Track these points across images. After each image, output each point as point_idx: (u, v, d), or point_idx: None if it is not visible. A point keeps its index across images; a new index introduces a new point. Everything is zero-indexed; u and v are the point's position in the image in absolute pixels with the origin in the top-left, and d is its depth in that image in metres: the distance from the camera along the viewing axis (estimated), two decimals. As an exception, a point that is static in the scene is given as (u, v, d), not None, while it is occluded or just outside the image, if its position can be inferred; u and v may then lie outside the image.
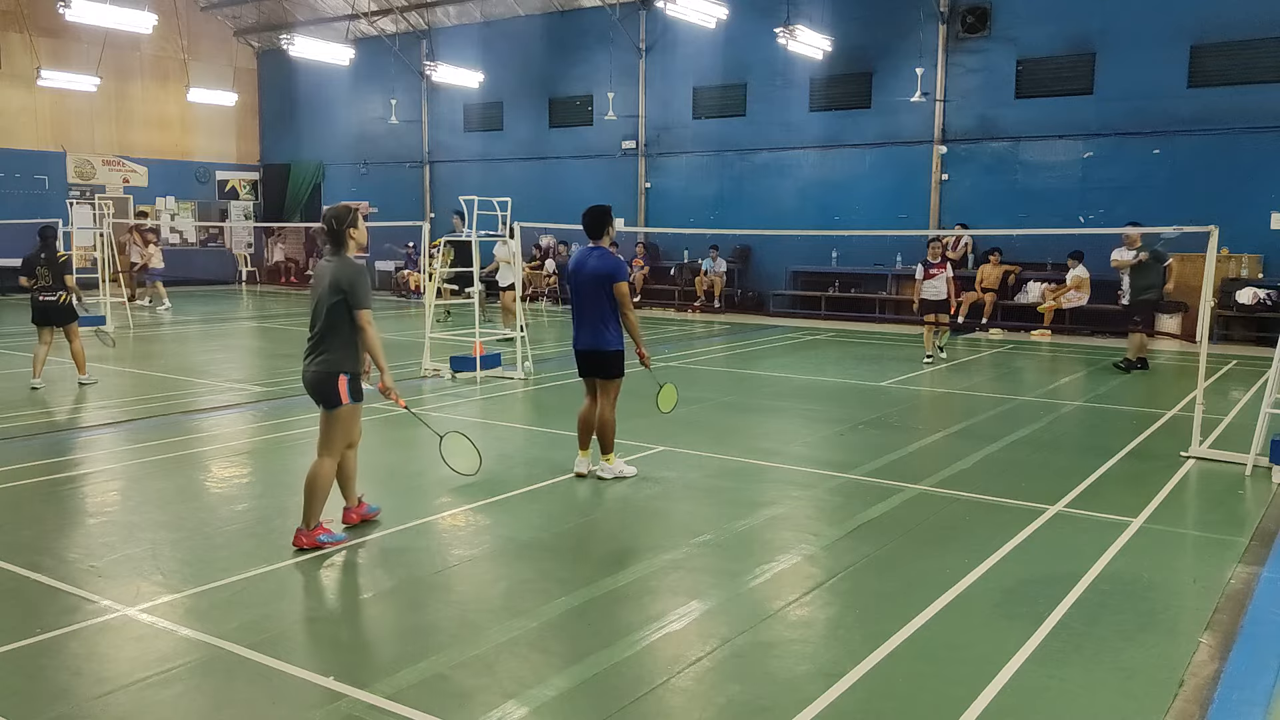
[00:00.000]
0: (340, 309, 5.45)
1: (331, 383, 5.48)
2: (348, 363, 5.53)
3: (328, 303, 5.45)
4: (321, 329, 5.50)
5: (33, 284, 11.02)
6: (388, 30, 26.68)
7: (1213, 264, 8.12)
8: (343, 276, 5.46)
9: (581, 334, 7.18)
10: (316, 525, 5.64)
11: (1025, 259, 18.79)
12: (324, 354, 5.50)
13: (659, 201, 23.53)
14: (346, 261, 5.56)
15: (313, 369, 5.54)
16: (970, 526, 6.21)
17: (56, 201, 24.00)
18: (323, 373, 5.50)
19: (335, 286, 5.44)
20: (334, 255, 5.61)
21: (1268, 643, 4.49)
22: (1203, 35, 17.07)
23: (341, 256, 5.59)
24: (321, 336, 5.50)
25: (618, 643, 4.39)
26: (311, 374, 5.55)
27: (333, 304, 5.44)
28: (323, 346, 5.50)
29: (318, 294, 5.53)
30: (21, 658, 4.24)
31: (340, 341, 5.49)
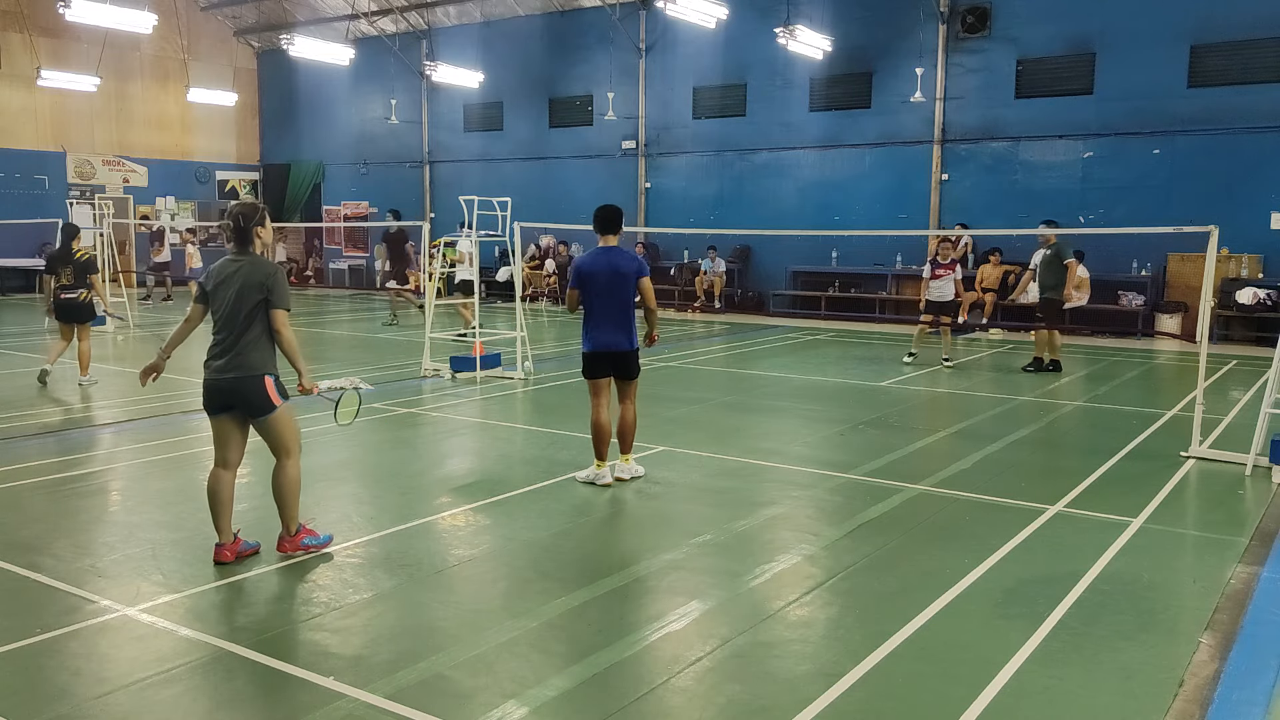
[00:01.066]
0: (261, 309, 5.22)
1: (259, 387, 5.23)
2: (269, 363, 5.29)
3: (248, 303, 5.19)
4: (238, 331, 5.20)
5: (56, 282, 11.34)
6: (388, 30, 26.68)
7: (1213, 264, 8.12)
8: (263, 276, 5.23)
9: (604, 334, 7.08)
10: (299, 529, 5.51)
11: (1025, 259, 18.76)
12: (243, 357, 5.21)
13: (659, 201, 23.53)
14: (262, 261, 5.34)
15: (230, 375, 5.21)
16: (970, 526, 6.21)
17: (56, 201, 24.00)
18: (246, 376, 5.21)
19: (257, 286, 5.20)
20: (241, 254, 5.32)
21: (1268, 643, 4.49)
22: (1203, 35, 17.08)
23: (253, 255, 5.34)
24: (238, 339, 5.20)
25: (618, 643, 4.39)
26: (230, 380, 5.21)
27: (254, 304, 5.20)
28: (239, 349, 5.21)
29: (228, 294, 5.21)
30: (21, 658, 4.24)
31: (259, 342, 5.25)
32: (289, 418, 5.41)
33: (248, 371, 5.22)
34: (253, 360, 5.23)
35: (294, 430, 5.45)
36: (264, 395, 5.25)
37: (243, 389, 5.24)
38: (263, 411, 5.29)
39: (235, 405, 5.31)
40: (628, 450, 7.29)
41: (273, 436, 5.38)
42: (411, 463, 8.05)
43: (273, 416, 5.31)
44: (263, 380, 5.24)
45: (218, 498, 5.38)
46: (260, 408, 5.28)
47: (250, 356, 5.22)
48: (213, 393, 5.30)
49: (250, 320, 5.22)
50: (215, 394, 5.29)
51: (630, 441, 7.27)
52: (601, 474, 7.08)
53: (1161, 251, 17.42)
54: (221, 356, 5.24)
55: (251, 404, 5.28)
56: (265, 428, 5.35)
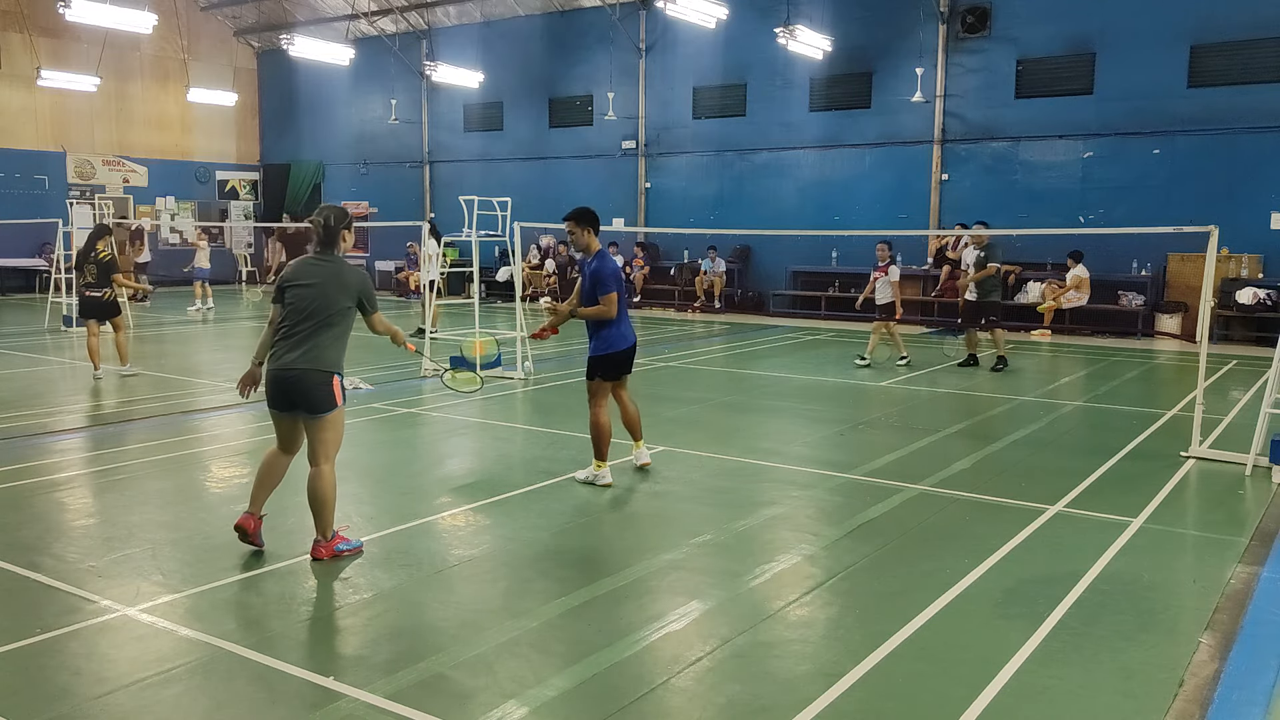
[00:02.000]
0: (351, 313, 5.38)
1: (327, 383, 5.28)
2: (340, 364, 5.40)
3: (337, 305, 5.30)
4: (318, 328, 5.27)
5: (81, 280, 11.82)
6: (388, 30, 26.69)
7: (1213, 264, 8.12)
8: (356, 281, 5.40)
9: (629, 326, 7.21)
10: (334, 535, 5.51)
11: (1025, 259, 18.80)
12: (316, 352, 5.25)
13: (659, 201, 23.54)
14: (350, 266, 5.47)
15: (301, 367, 5.22)
16: (970, 526, 6.21)
17: (56, 201, 23.99)
18: (312, 370, 5.23)
19: (349, 290, 5.35)
20: (328, 257, 5.44)
21: (1268, 643, 4.49)
22: (1203, 35, 17.08)
23: (339, 259, 5.48)
24: (316, 335, 5.26)
25: (618, 643, 4.39)
26: (299, 374, 5.22)
27: (344, 306, 5.34)
28: (316, 345, 5.26)
29: (311, 292, 5.29)
30: (21, 658, 4.24)
31: (337, 343, 5.36)
32: (341, 423, 5.46)
33: (320, 366, 5.27)
34: (326, 357, 5.30)
35: (339, 436, 5.48)
36: (329, 392, 5.30)
37: (310, 381, 5.26)
38: (323, 409, 5.32)
39: (298, 402, 5.31)
40: (640, 437, 7.53)
41: (324, 437, 5.38)
42: (411, 463, 8.05)
43: (329, 416, 5.35)
44: (331, 377, 5.30)
45: (268, 476, 5.53)
46: (321, 404, 5.30)
47: (325, 353, 5.29)
48: (280, 385, 5.29)
49: (335, 321, 5.32)
50: (282, 386, 5.29)
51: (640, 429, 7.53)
52: (602, 474, 7.08)
53: (1161, 251, 17.42)
54: (296, 349, 5.25)
55: (314, 399, 5.29)
56: (318, 426, 5.35)
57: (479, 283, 14.33)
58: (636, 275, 22.90)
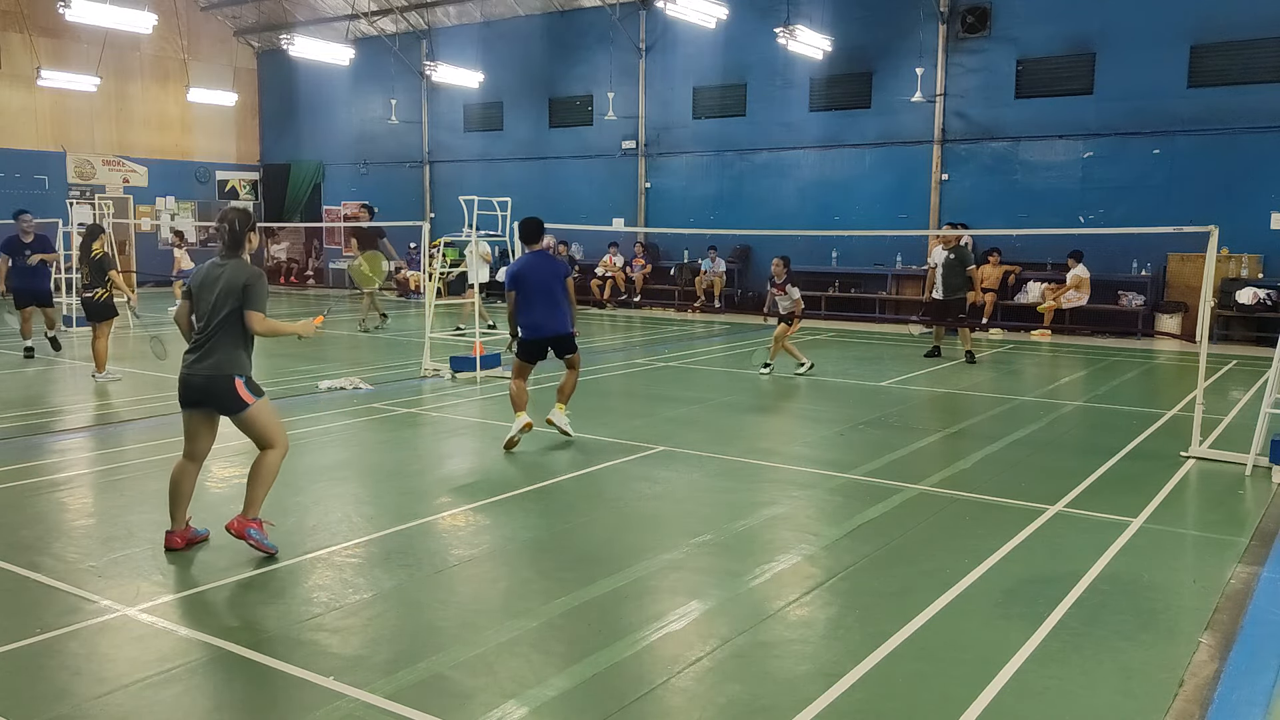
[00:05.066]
0: (236, 313, 5.35)
1: (228, 386, 5.35)
2: (240, 364, 5.41)
3: (225, 306, 5.33)
4: (212, 331, 5.34)
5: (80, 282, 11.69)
6: (388, 30, 26.68)
7: (1213, 264, 8.12)
8: (243, 281, 5.37)
9: (545, 321, 8.36)
10: (256, 518, 5.50)
11: (1025, 259, 18.80)
12: (215, 357, 5.34)
13: (659, 201, 23.53)
14: (245, 266, 5.47)
15: (205, 373, 5.35)
16: (970, 526, 6.21)
17: (56, 201, 23.98)
18: (216, 375, 5.34)
19: (235, 291, 5.34)
20: (228, 257, 5.49)
21: (1268, 643, 4.49)
22: (1203, 35, 17.08)
23: (239, 259, 5.51)
24: (211, 339, 5.34)
25: (618, 643, 4.39)
26: (203, 378, 5.35)
27: (231, 307, 5.33)
28: (212, 349, 5.34)
29: (210, 296, 5.36)
30: (21, 658, 4.24)
31: (232, 344, 5.38)
32: (266, 413, 5.52)
33: (218, 371, 5.36)
34: (223, 361, 5.36)
35: (273, 424, 5.56)
36: (234, 395, 5.38)
37: (213, 388, 5.39)
38: (235, 410, 5.43)
39: (207, 402, 5.46)
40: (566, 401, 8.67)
41: (253, 432, 5.53)
42: (411, 463, 8.05)
43: (248, 413, 5.45)
44: (232, 381, 5.37)
45: (179, 488, 5.60)
46: (231, 407, 5.43)
47: (221, 357, 5.36)
48: (186, 388, 5.45)
49: (226, 322, 5.36)
50: (188, 389, 5.45)
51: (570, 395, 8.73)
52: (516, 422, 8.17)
53: (1161, 251, 17.42)
54: (196, 353, 5.40)
55: (223, 403, 5.43)
56: (243, 424, 5.50)
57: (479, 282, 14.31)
58: (637, 275, 22.91)
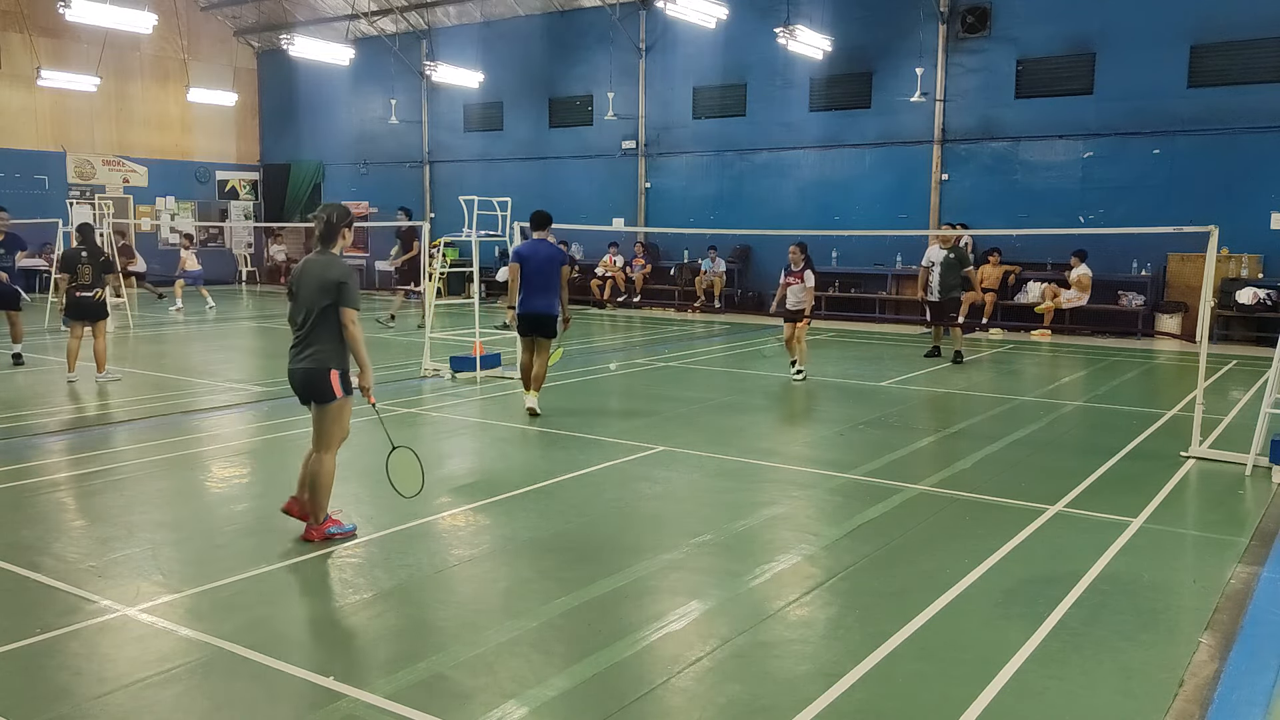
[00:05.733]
0: (331, 308, 5.55)
1: (323, 378, 5.58)
2: (337, 358, 5.62)
3: (319, 302, 5.54)
4: (311, 325, 5.59)
5: (71, 280, 11.30)
6: (388, 30, 26.68)
7: (1213, 264, 8.12)
8: (335, 275, 5.56)
9: (535, 301, 9.31)
10: (325, 518, 5.74)
11: (1025, 259, 18.79)
12: (313, 350, 5.59)
13: (659, 201, 23.53)
14: (336, 260, 5.67)
15: (303, 365, 5.61)
16: (970, 526, 6.21)
17: (56, 201, 23.98)
18: (313, 369, 5.59)
19: (326, 286, 5.54)
20: (323, 253, 5.70)
21: (1268, 643, 4.49)
22: (1203, 35, 17.07)
23: (330, 255, 5.69)
24: (310, 333, 5.60)
25: (618, 643, 4.39)
26: (302, 371, 5.63)
27: (324, 304, 5.54)
28: (312, 343, 5.60)
29: (306, 291, 5.61)
30: (21, 658, 4.24)
31: (329, 338, 5.59)
32: (343, 413, 5.73)
33: (317, 364, 5.60)
34: (320, 354, 5.60)
35: (342, 426, 5.77)
36: (327, 386, 5.61)
37: (311, 380, 5.63)
38: (324, 399, 5.66)
39: (307, 394, 5.70)
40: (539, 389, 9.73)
41: (322, 424, 5.71)
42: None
43: (330, 406, 5.66)
44: (328, 373, 5.60)
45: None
46: (323, 395, 5.65)
47: (319, 349, 5.60)
48: (291, 382, 5.74)
49: (322, 317, 5.57)
50: (292, 383, 5.74)
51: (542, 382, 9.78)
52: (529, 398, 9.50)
53: (1161, 251, 17.42)
54: (297, 348, 5.67)
55: (319, 393, 5.65)
56: (320, 414, 5.71)
57: (479, 282, 14.32)
58: (637, 275, 22.90)
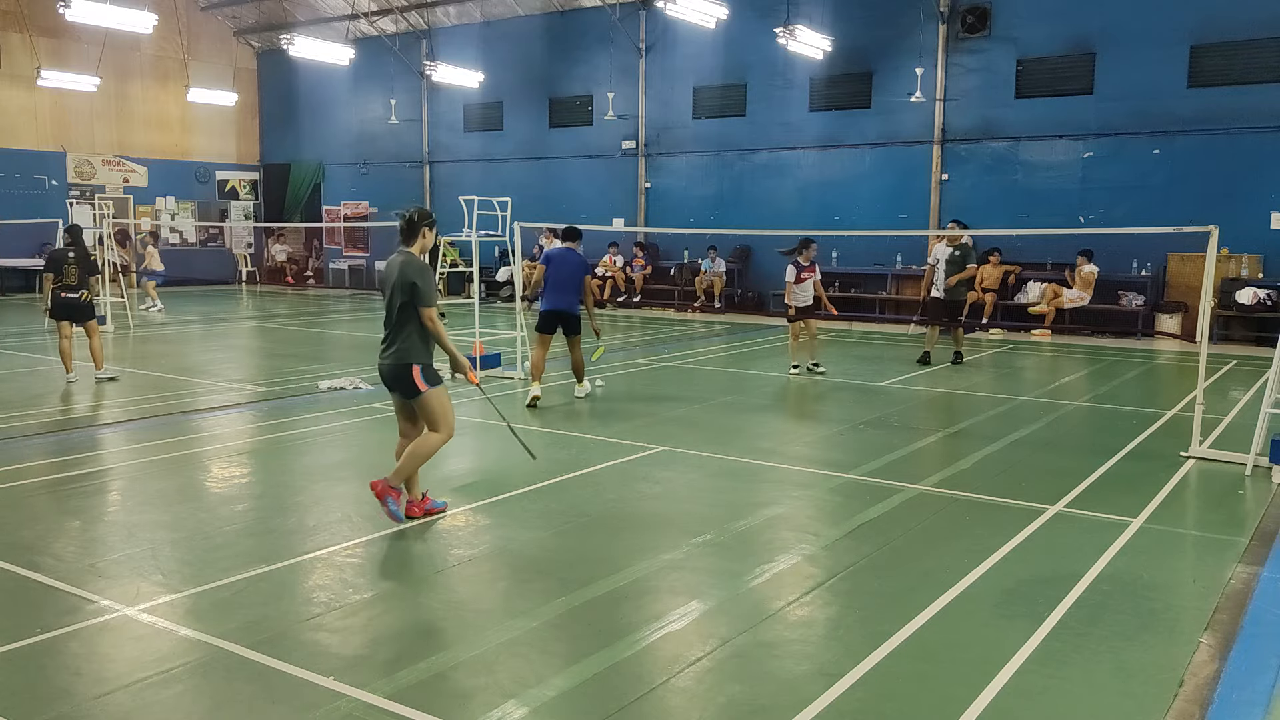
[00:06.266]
0: (409, 307, 5.89)
1: (406, 372, 5.95)
2: (418, 353, 5.95)
3: (398, 301, 5.88)
4: (395, 323, 5.96)
5: (57, 281, 11.30)
6: (388, 30, 26.68)
7: (1213, 264, 8.11)
8: (411, 274, 5.87)
9: (558, 299, 10.23)
10: (396, 489, 6.04)
11: (1025, 259, 18.80)
12: (397, 347, 5.96)
13: (659, 201, 23.53)
14: (414, 259, 5.99)
15: (388, 361, 6.00)
16: (970, 526, 6.21)
17: (56, 201, 23.99)
18: (397, 365, 5.96)
19: (404, 285, 5.85)
20: (403, 252, 6.03)
21: (1268, 643, 4.49)
22: (1203, 35, 17.07)
23: (409, 254, 6.02)
24: (395, 330, 5.97)
25: (618, 643, 4.39)
26: (388, 366, 6.02)
27: (403, 303, 5.88)
28: (396, 340, 5.97)
29: (389, 289, 5.96)
30: (21, 658, 4.24)
31: (411, 334, 5.93)
32: (439, 401, 6.07)
33: (399, 360, 5.96)
34: (403, 350, 5.94)
35: (444, 412, 6.11)
36: (411, 381, 5.96)
37: (396, 375, 6.01)
38: (410, 394, 6.04)
39: (394, 388, 6.11)
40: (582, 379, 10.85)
41: (424, 415, 6.12)
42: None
43: (422, 399, 6.02)
44: (410, 369, 5.94)
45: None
46: (408, 390, 6.02)
47: (402, 346, 5.95)
48: (380, 375, 6.15)
49: (402, 314, 5.92)
50: (381, 376, 6.15)
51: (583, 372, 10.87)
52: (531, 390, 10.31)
53: (1161, 251, 17.42)
54: (384, 344, 6.05)
55: (404, 388, 6.04)
56: (417, 405, 6.10)
57: (479, 282, 14.32)
58: (637, 275, 22.90)
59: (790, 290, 12.39)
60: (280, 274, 30.21)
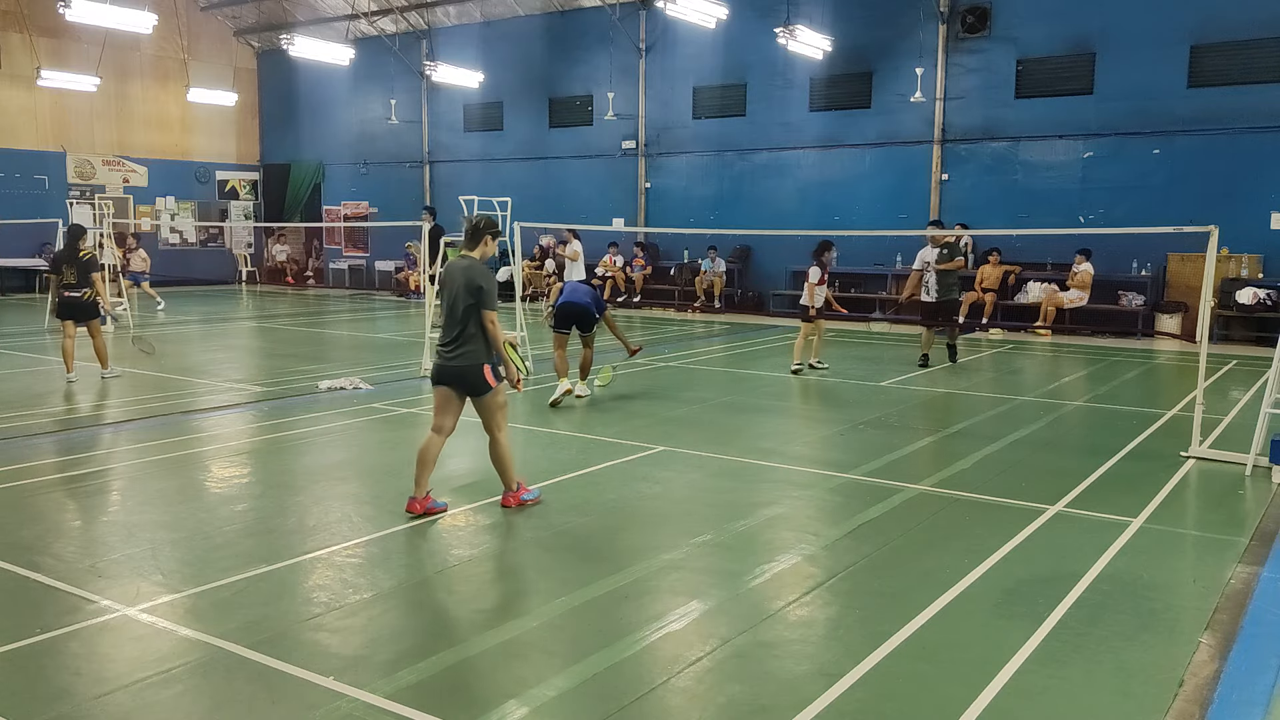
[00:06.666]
0: (474, 310, 6.12)
1: (478, 373, 6.18)
2: (486, 353, 6.21)
3: (464, 303, 6.11)
4: (460, 323, 6.16)
5: (60, 280, 11.43)
6: (388, 30, 26.68)
7: (1213, 264, 8.12)
8: (477, 280, 6.12)
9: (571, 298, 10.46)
10: (518, 486, 6.47)
11: (1025, 259, 18.80)
12: (466, 349, 6.16)
13: (659, 201, 23.53)
14: (478, 265, 6.25)
15: (456, 363, 6.19)
16: (970, 526, 6.21)
17: (56, 201, 23.98)
18: (468, 366, 6.18)
19: (470, 289, 6.09)
20: (466, 257, 6.29)
21: (1268, 643, 4.49)
22: (1203, 35, 17.07)
23: (472, 259, 6.27)
24: (461, 332, 6.16)
25: (618, 643, 4.39)
26: (455, 367, 6.21)
27: (468, 305, 6.11)
28: (464, 341, 6.16)
29: (453, 292, 6.17)
30: (21, 658, 4.24)
31: (477, 336, 6.17)
32: (502, 396, 6.35)
33: (471, 361, 6.18)
34: (474, 351, 6.18)
35: (502, 409, 6.36)
36: (482, 379, 6.21)
37: (466, 375, 6.22)
38: (481, 392, 6.25)
39: (459, 385, 6.27)
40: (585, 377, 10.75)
41: (485, 413, 6.31)
42: (411, 463, 8.01)
43: (488, 396, 6.26)
44: (482, 368, 6.19)
45: (425, 457, 6.33)
46: (477, 390, 6.25)
47: (472, 347, 6.17)
48: (441, 372, 6.30)
49: (468, 316, 6.16)
50: (443, 373, 6.30)
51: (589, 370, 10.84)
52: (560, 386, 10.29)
53: (1161, 251, 17.42)
54: (449, 344, 6.23)
55: (474, 386, 6.25)
56: (481, 405, 6.31)
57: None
58: (637, 275, 22.90)
59: (812, 291, 12.59)
60: (280, 274, 30.21)
